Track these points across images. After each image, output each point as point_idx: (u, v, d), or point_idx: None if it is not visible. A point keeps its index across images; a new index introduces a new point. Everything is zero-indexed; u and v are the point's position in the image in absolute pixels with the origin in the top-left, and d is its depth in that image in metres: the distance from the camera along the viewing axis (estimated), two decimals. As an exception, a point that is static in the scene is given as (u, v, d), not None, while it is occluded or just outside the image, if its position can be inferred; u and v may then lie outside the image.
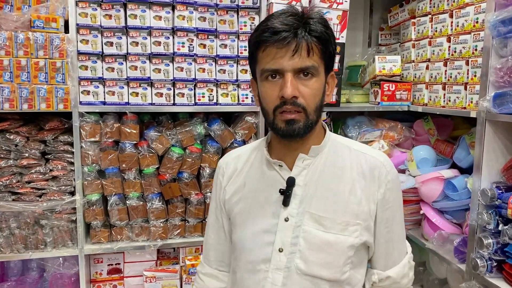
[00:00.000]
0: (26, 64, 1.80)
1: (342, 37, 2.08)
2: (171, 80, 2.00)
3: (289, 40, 1.04)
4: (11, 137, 1.88)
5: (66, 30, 1.88)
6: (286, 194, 1.15)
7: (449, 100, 1.95)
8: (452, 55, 1.95)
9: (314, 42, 1.06)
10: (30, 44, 1.80)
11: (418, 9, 2.25)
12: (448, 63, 1.97)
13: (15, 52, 1.79)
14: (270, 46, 1.06)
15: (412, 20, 2.29)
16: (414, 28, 2.28)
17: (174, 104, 2.03)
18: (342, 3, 2.05)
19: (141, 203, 2.04)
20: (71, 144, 1.93)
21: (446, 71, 1.99)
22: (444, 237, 1.94)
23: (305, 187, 1.16)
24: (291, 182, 1.15)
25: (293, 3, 1.98)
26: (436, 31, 2.09)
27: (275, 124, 1.10)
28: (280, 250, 1.14)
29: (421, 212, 2.10)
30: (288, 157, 1.18)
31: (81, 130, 1.92)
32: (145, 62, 1.97)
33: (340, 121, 2.35)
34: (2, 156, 1.89)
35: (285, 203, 1.15)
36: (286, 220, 1.15)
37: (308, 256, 1.13)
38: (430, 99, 2.11)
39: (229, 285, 1.31)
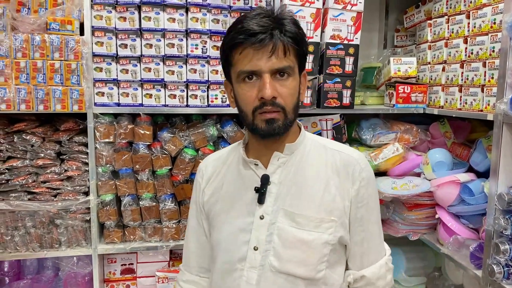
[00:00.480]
0: (42, 66, 1.83)
1: (356, 38, 2.07)
2: (184, 81, 2.01)
3: (266, 41, 1.05)
4: (28, 137, 1.91)
5: (81, 32, 1.90)
6: (261, 192, 1.16)
7: (466, 103, 1.92)
8: (469, 56, 1.91)
9: (289, 43, 1.08)
10: (46, 46, 1.83)
11: (435, 10, 2.22)
12: (464, 65, 1.94)
13: (32, 54, 1.82)
14: (247, 48, 1.07)
15: (428, 21, 2.26)
16: (430, 29, 2.25)
17: (187, 105, 2.04)
18: (356, 4, 2.03)
19: (154, 204, 2.05)
20: (86, 145, 1.96)
21: (462, 73, 1.96)
22: (460, 242, 1.91)
23: (280, 185, 1.17)
24: (265, 179, 1.16)
25: (304, 3, 1.97)
26: (452, 32, 2.05)
27: (254, 125, 1.11)
28: (255, 249, 1.15)
29: (436, 216, 2.07)
30: (265, 156, 1.19)
31: (96, 131, 1.94)
32: (159, 64, 1.98)
33: (354, 123, 2.33)
34: (18, 156, 1.92)
35: (260, 200, 1.16)
36: (262, 218, 1.16)
37: (282, 253, 1.13)
38: (446, 102, 2.08)
39: (206, 286, 1.31)
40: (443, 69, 2.11)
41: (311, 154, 1.21)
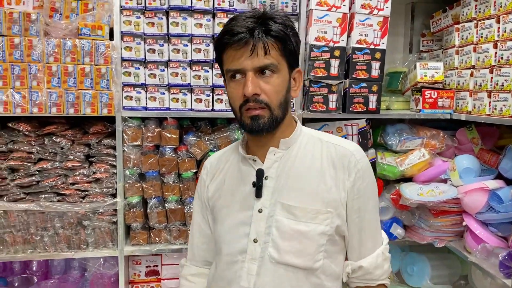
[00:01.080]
0: (73, 70, 1.87)
1: (383, 43, 2.06)
2: (210, 86, 2.03)
3: (245, 40, 1.10)
4: (58, 140, 1.95)
5: (111, 37, 1.94)
6: (257, 186, 1.20)
7: (495, 108, 1.89)
8: (499, 61, 1.88)
9: (270, 41, 1.12)
10: (77, 51, 1.87)
11: (463, 14, 2.19)
12: (494, 70, 1.91)
13: (63, 58, 1.87)
14: (229, 47, 1.12)
15: (456, 26, 2.23)
16: (458, 34, 2.22)
17: (212, 110, 2.06)
18: (383, 9, 2.02)
19: (179, 206, 2.07)
20: (114, 147, 1.99)
21: (492, 78, 1.93)
22: (488, 250, 1.87)
23: (277, 179, 1.21)
24: (260, 173, 1.21)
25: (330, 8, 1.98)
26: (481, 37, 2.02)
27: (242, 121, 1.17)
28: (255, 241, 1.19)
29: (464, 223, 2.04)
30: (261, 151, 1.24)
31: (124, 134, 1.97)
32: (186, 68, 2.01)
33: (379, 128, 2.31)
34: (48, 158, 1.96)
35: (258, 194, 1.20)
36: (260, 211, 1.20)
37: (280, 245, 1.17)
38: (474, 107, 2.05)
39: (209, 278, 1.34)
40: (471, 74, 2.08)
41: (307, 147, 1.24)
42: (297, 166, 1.22)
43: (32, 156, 1.95)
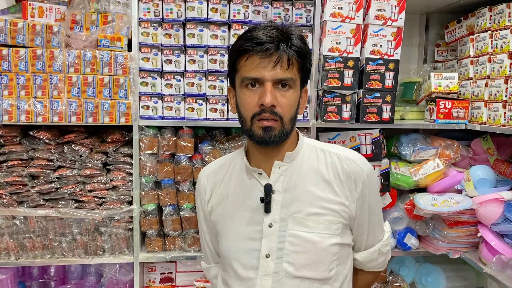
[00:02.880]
0: (92, 80, 1.93)
1: (397, 53, 2.07)
2: (225, 96, 2.07)
3: (272, 51, 1.10)
4: (76, 148, 2.00)
5: (129, 48, 2.00)
6: (266, 201, 1.19)
7: (510, 119, 1.88)
8: (514, 72, 1.88)
9: (294, 56, 1.13)
10: (97, 61, 1.92)
11: (477, 25, 2.19)
12: (509, 80, 1.90)
13: (83, 69, 1.93)
14: (253, 55, 1.12)
15: (471, 36, 2.23)
16: (473, 44, 2.22)
17: (227, 119, 2.09)
18: (397, 20, 2.03)
19: (194, 214, 2.10)
20: (131, 156, 2.03)
21: (507, 88, 1.92)
22: (504, 262, 1.85)
23: (285, 193, 1.21)
24: (268, 188, 1.20)
25: (344, 19, 2.00)
26: (496, 47, 2.02)
27: (252, 131, 1.16)
28: (267, 256, 1.19)
29: (479, 234, 2.02)
30: (266, 164, 1.23)
31: (140, 143, 2.02)
32: (201, 79, 2.05)
33: (393, 138, 2.31)
34: (67, 165, 2.01)
35: (267, 209, 1.20)
36: (270, 226, 1.20)
37: (295, 258, 1.18)
38: (490, 118, 2.04)
39: None
40: (486, 85, 2.07)
41: (311, 158, 1.25)
42: (304, 178, 1.22)
43: (52, 163, 2.00)
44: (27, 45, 1.89)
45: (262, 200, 1.20)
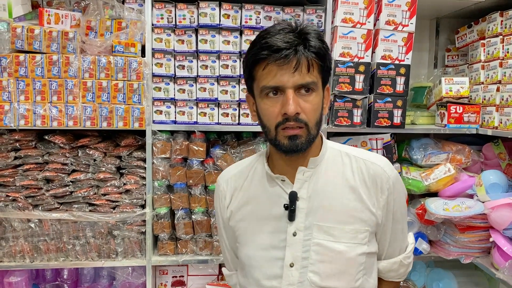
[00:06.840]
0: (106, 86, 1.96)
1: (408, 58, 2.08)
2: (237, 101, 2.09)
3: (290, 57, 1.04)
4: (90, 152, 2.03)
5: (143, 54, 2.03)
6: (290, 209, 1.15)
7: (522, 124, 1.88)
8: (526, 77, 1.88)
9: (313, 58, 1.08)
10: (111, 67, 1.95)
11: (488, 30, 2.19)
12: (521, 85, 1.91)
13: (98, 74, 1.96)
14: (271, 63, 1.06)
15: (482, 41, 2.23)
16: (484, 49, 2.22)
17: (239, 123, 2.11)
18: (407, 25, 2.05)
19: (206, 218, 2.12)
20: (144, 160, 2.06)
21: (518, 93, 1.93)
22: (516, 267, 1.85)
23: (309, 200, 1.17)
24: (293, 196, 1.15)
25: (355, 24, 2.01)
26: (507, 52, 2.02)
27: (277, 141, 1.11)
28: (291, 265, 1.15)
29: (491, 239, 2.01)
30: (289, 171, 1.19)
31: (153, 147, 2.04)
32: (213, 84, 2.07)
33: (404, 143, 2.32)
34: (81, 169, 2.05)
35: (291, 218, 1.15)
36: (294, 234, 1.15)
37: (321, 268, 1.14)
38: (501, 122, 2.04)
39: None
40: (498, 89, 2.08)
41: (336, 163, 1.20)
42: (329, 184, 1.17)
43: (66, 167, 2.03)
44: (43, 51, 1.93)
45: (286, 207, 1.16)
